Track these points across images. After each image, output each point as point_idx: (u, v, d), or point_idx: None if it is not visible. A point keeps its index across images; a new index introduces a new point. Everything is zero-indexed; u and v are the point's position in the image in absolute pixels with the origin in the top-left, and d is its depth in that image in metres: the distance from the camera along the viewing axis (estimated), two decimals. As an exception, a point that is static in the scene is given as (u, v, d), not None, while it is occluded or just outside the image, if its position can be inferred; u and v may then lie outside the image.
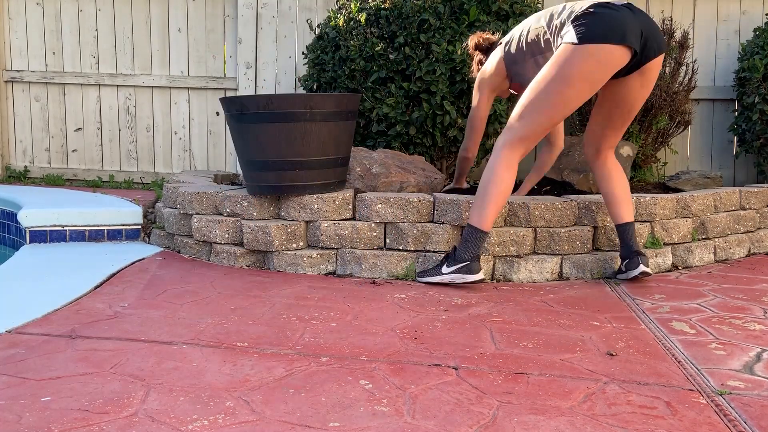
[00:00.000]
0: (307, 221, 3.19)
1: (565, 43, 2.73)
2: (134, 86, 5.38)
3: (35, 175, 5.48)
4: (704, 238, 3.56)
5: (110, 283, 2.89)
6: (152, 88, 5.38)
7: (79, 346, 2.11)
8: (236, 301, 2.65)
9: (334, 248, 3.16)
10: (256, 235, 3.14)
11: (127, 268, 3.13)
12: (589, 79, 2.69)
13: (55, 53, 5.43)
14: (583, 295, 2.89)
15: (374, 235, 3.14)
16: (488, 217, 2.86)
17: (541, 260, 3.14)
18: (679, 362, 2.09)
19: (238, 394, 1.77)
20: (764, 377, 1.97)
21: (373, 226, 3.14)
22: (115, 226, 3.73)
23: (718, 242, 3.58)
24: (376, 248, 3.15)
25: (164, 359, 2.00)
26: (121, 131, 5.43)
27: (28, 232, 3.60)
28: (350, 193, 3.20)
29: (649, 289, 2.99)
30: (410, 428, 1.59)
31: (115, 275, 3.00)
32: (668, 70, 4.39)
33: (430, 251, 3.12)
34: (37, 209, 3.63)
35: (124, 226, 3.74)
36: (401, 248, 3.13)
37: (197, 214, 3.37)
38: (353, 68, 3.97)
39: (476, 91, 3.28)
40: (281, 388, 1.81)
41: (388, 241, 3.15)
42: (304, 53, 4.47)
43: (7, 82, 5.47)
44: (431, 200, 3.15)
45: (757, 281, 3.17)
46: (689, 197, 3.49)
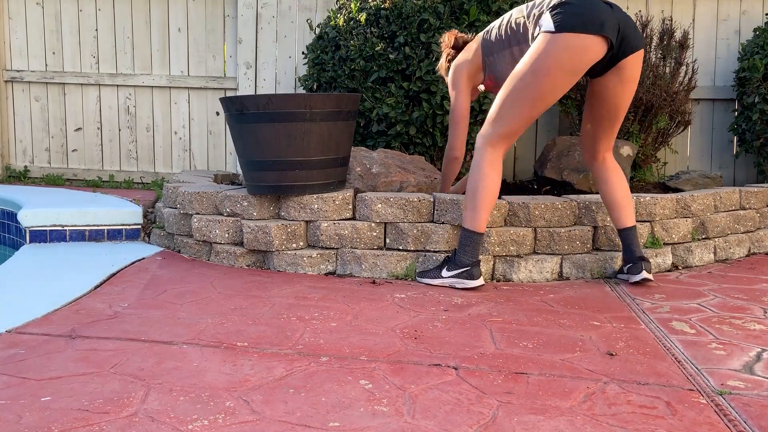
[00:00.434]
0: (307, 221, 3.19)
1: (542, 32, 2.71)
2: (134, 86, 5.38)
3: (35, 175, 5.48)
4: (704, 238, 3.56)
5: (110, 283, 2.89)
6: (152, 88, 5.38)
7: (79, 346, 2.11)
8: (236, 301, 2.65)
9: (334, 248, 3.16)
10: (256, 235, 3.14)
11: (127, 268, 3.13)
12: (566, 69, 2.67)
13: (55, 53, 5.43)
14: (583, 295, 2.89)
15: (374, 235, 3.14)
16: (481, 218, 2.86)
17: (541, 260, 3.14)
18: (679, 362, 2.09)
19: (238, 394, 1.77)
20: (764, 377, 1.98)
21: (373, 225, 3.14)
22: (115, 226, 3.73)
23: (718, 242, 3.58)
24: (376, 248, 3.15)
25: (164, 359, 2.00)
26: (121, 131, 5.43)
27: (28, 232, 3.60)
28: (350, 193, 3.20)
29: (649, 289, 2.99)
30: (410, 428, 1.59)
31: (115, 275, 3.00)
32: (668, 70, 4.39)
33: (430, 251, 3.12)
34: (37, 209, 3.63)
35: (124, 226, 3.74)
36: (401, 248, 3.13)
37: (197, 214, 3.37)
38: (353, 68, 3.98)
39: (452, 86, 3.19)
40: (281, 388, 1.81)
41: (388, 241, 3.15)
42: (304, 53, 4.47)
43: (7, 82, 5.47)
44: (431, 200, 3.15)
45: (757, 281, 3.17)
46: (689, 197, 3.49)
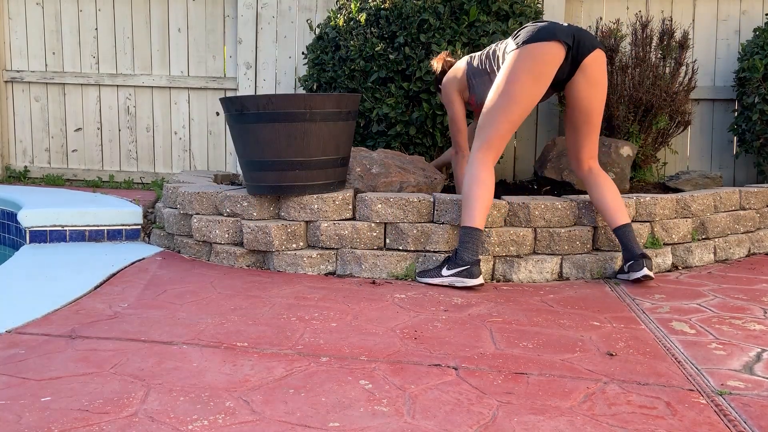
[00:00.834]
0: (307, 221, 3.19)
1: (508, 52, 3.06)
2: (134, 86, 5.38)
3: (35, 175, 5.48)
4: (704, 238, 3.56)
5: (110, 283, 2.89)
6: (152, 88, 5.37)
7: (79, 346, 2.11)
8: (236, 301, 2.65)
9: (334, 248, 3.16)
10: (256, 235, 3.14)
11: (127, 268, 3.13)
12: (532, 72, 2.94)
13: (55, 53, 5.43)
14: (583, 295, 2.89)
15: (374, 235, 3.14)
16: (477, 214, 2.94)
17: (541, 260, 3.14)
18: (679, 362, 2.09)
19: (238, 394, 1.77)
20: (764, 377, 1.98)
21: (373, 226, 3.14)
22: (115, 226, 3.73)
23: (718, 242, 3.58)
24: (376, 248, 3.15)
25: (164, 359, 2.00)
26: (121, 131, 5.43)
27: (28, 232, 3.60)
28: (350, 193, 3.20)
29: (649, 289, 2.99)
30: (410, 428, 1.59)
31: (115, 275, 3.00)
32: (668, 70, 4.39)
33: (430, 251, 3.12)
34: (37, 209, 3.63)
35: (124, 226, 3.74)
36: (401, 248, 3.13)
37: (197, 214, 3.37)
38: (353, 68, 3.97)
39: (446, 101, 3.46)
40: (281, 388, 1.81)
41: (388, 241, 3.15)
42: (304, 53, 4.47)
43: (7, 82, 5.47)
44: (431, 200, 3.15)
45: (757, 281, 3.17)
46: (689, 197, 3.49)
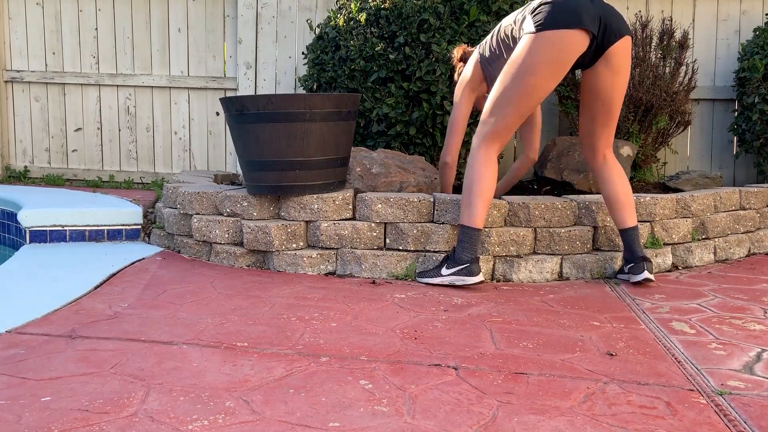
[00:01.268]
0: (307, 221, 3.19)
1: (524, 34, 2.80)
2: (134, 86, 5.38)
3: (35, 175, 5.48)
4: (704, 238, 3.56)
5: (110, 283, 2.89)
6: (152, 88, 5.38)
7: (79, 346, 2.11)
8: (236, 301, 2.65)
9: (334, 248, 3.16)
10: (256, 235, 3.14)
11: (127, 268, 3.13)
12: (551, 64, 2.73)
13: (55, 53, 5.43)
14: (583, 295, 2.89)
15: (374, 235, 3.14)
16: (478, 213, 2.89)
17: (541, 260, 3.14)
18: (679, 362, 2.09)
19: (238, 394, 1.77)
20: (764, 377, 1.98)
21: (373, 226, 3.14)
22: (115, 226, 3.73)
23: (718, 242, 3.58)
24: (376, 248, 3.15)
25: (164, 359, 2.00)
26: (121, 131, 5.43)
27: (28, 232, 3.60)
28: (350, 193, 3.20)
29: (649, 289, 2.99)
30: (410, 428, 1.59)
31: (115, 275, 3.00)
32: (668, 70, 4.39)
33: (430, 251, 3.12)
34: (37, 209, 3.63)
35: (124, 226, 3.75)
36: (401, 248, 3.13)
37: (197, 214, 3.37)
38: (353, 68, 3.97)
39: (456, 92, 3.32)
40: (281, 388, 1.81)
41: (388, 241, 3.15)
42: (304, 53, 4.47)
43: (7, 82, 5.47)
44: (431, 200, 3.15)
45: (757, 281, 3.17)
46: (689, 197, 3.49)
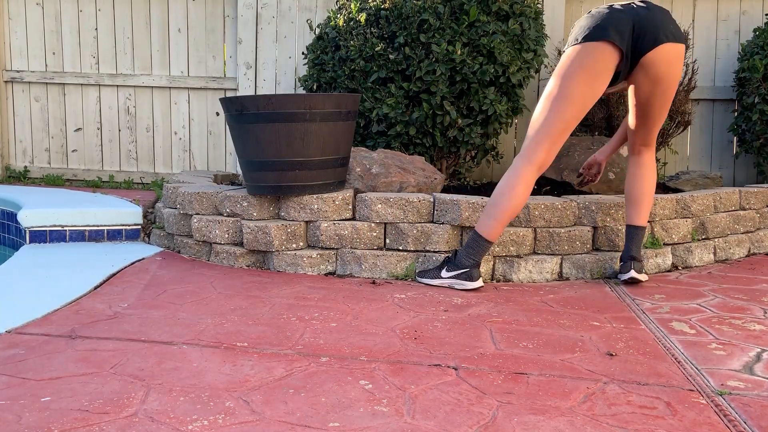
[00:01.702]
0: (307, 221, 3.19)
1: (565, 50, 2.92)
2: (134, 86, 5.38)
3: (35, 175, 5.48)
4: (704, 238, 3.56)
5: (110, 283, 2.89)
6: (152, 88, 5.37)
7: (79, 346, 2.11)
8: (236, 301, 2.65)
9: (334, 248, 3.16)
10: (256, 235, 3.14)
11: (127, 268, 3.13)
12: (584, 71, 2.77)
13: (55, 53, 5.43)
14: (583, 295, 2.89)
15: (374, 235, 3.14)
16: (497, 228, 2.87)
17: (541, 260, 3.14)
18: (679, 362, 2.09)
19: (238, 394, 1.77)
20: (764, 377, 1.98)
21: (373, 226, 3.14)
22: (114, 226, 3.73)
23: (717, 242, 3.58)
24: (376, 248, 3.15)
25: (164, 359, 2.00)
26: (120, 131, 5.43)
27: (28, 232, 3.60)
28: (350, 193, 3.20)
29: (649, 289, 2.99)
30: (410, 428, 1.59)
31: (115, 275, 3.00)
32: (668, 70, 4.39)
33: (430, 251, 3.12)
34: (37, 209, 3.63)
35: (124, 226, 3.74)
36: (401, 248, 3.13)
37: (197, 214, 3.37)
38: (353, 68, 3.97)
39: None
40: (281, 388, 1.81)
41: (388, 241, 3.15)
42: (304, 53, 4.47)
43: (7, 82, 5.47)
44: (431, 200, 3.15)
45: (757, 281, 3.17)
46: (689, 197, 3.49)
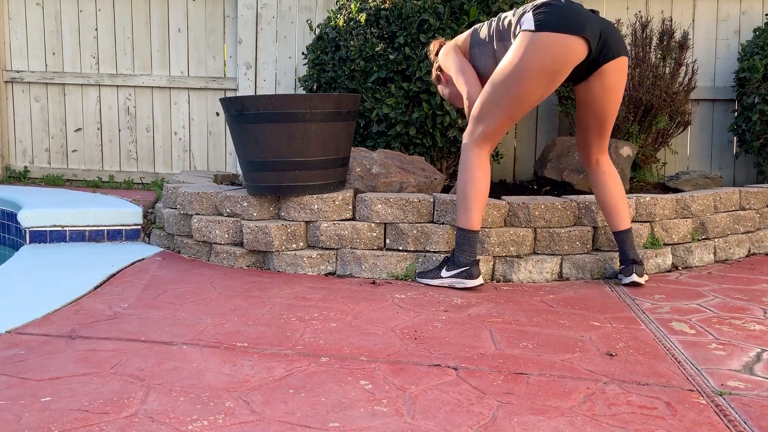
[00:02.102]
0: (307, 221, 3.19)
1: (522, 30, 2.71)
2: (134, 86, 5.38)
3: (35, 175, 5.48)
4: (704, 238, 3.56)
5: (110, 283, 2.89)
6: (152, 88, 5.38)
7: (79, 346, 2.11)
8: (236, 301, 2.65)
9: (334, 248, 3.16)
10: (256, 235, 3.14)
11: (127, 268, 3.13)
12: (546, 70, 2.67)
13: (55, 53, 5.43)
14: (583, 295, 2.89)
15: (374, 235, 3.14)
16: (474, 216, 2.88)
17: (541, 260, 3.14)
18: (679, 362, 2.09)
19: (238, 394, 1.77)
20: (764, 377, 1.97)
21: (373, 226, 3.14)
22: (114, 226, 3.73)
23: (718, 242, 3.58)
24: (376, 248, 3.15)
25: (164, 359, 2.00)
26: (120, 131, 5.43)
27: (28, 232, 3.60)
28: (350, 193, 3.20)
29: (649, 289, 2.99)
30: (410, 428, 1.59)
31: (115, 275, 3.00)
32: (668, 70, 4.39)
33: (430, 251, 3.12)
34: (37, 209, 3.63)
35: (124, 226, 3.74)
36: (401, 248, 3.13)
37: (197, 214, 3.37)
38: (353, 68, 3.97)
39: (447, 62, 3.07)
40: (281, 388, 1.81)
41: (388, 241, 3.15)
42: (304, 53, 4.47)
43: (7, 82, 5.47)
44: (431, 200, 3.15)
45: (757, 281, 3.17)
46: (689, 197, 3.49)
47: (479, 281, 2.90)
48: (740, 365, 2.07)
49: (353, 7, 4.07)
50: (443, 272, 2.93)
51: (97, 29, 5.38)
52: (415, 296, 2.78)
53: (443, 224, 3.12)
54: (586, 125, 2.97)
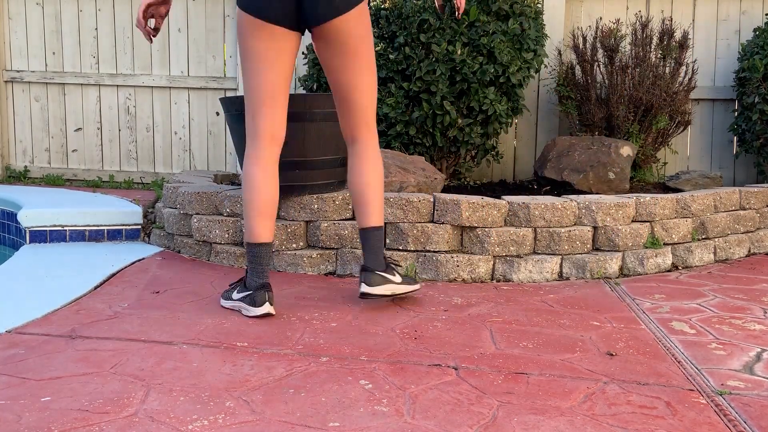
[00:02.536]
0: (307, 221, 3.19)
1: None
2: (134, 86, 5.38)
3: (35, 175, 5.48)
4: (704, 238, 3.56)
5: (110, 283, 2.89)
6: (152, 88, 5.38)
7: (79, 346, 2.11)
8: (236, 301, 2.64)
9: (334, 248, 3.16)
10: (256, 235, 3.14)
11: (127, 268, 3.13)
12: (251, 49, 2.41)
13: (55, 53, 5.43)
14: (583, 295, 2.89)
15: (374, 235, 3.14)
16: (254, 224, 2.45)
17: (541, 260, 3.14)
18: (679, 362, 2.09)
19: (238, 394, 1.77)
20: (764, 377, 1.98)
21: (373, 226, 3.14)
22: (115, 226, 3.73)
23: (718, 242, 3.58)
24: (376, 248, 3.15)
25: (164, 359, 2.00)
26: (121, 131, 5.43)
27: (28, 232, 3.60)
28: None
29: (649, 289, 2.99)
30: (410, 428, 1.59)
31: (115, 275, 3.00)
32: (668, 70, 4.39)
33: (430, 251, 3.12)
34: (37, 209, 3.63)
35: (124, 226, 3.74)
36: (401, 248, 3.13)
37: (197, 214, 3.37)
38: (353, 68, 3.97)
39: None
40: (281, 388, 1.81)
41: (388, 241, 3.15)
42: (304, 53, 4.47)
43: (7, 82, 5.47)
44: (431, 200, 3.15)
45: (757, 281, 3.17)
46: (689, 197, 3.49)
47: (264, 310, 2.40)
48: (740, 365, 2.07)
49: (353, 6, 4.07)
50: (234, 294, 2.52)
51: (97, 29, 5.38)
52: (415, 296, 2.78)
53: (443, 224, 3.12)
54: (332, 92, 2.61)
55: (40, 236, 3.61)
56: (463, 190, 3.98)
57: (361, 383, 1.86)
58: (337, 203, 3.16)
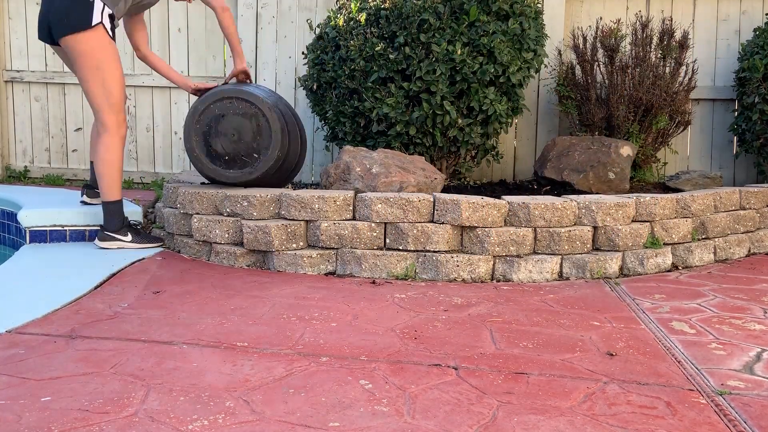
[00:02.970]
0: (307, 221, 3.19)
1: None
2: (134, 86, 5.38)
3: (35, 175, 5.48)
4: (704, 238, 3.56)
5: (110, 283, 2.89)
6: (152, 88, 5.37)
7: (79, 346, 2.11)
8: (236, 301, 2.65)
9: (334, 248, 3.16)
10: (256, 235, 3.14)
11: (127, 268, 3.13)
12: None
13: (54, 53, 5.42)
14: (583, 295, 2.89)
15: (374, 235, 3.14)
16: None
17: (541, 260, 3.14)
18: (679, 362, 2.09)
19: (238, 394, 1.77)
20: (764, 377, 1.98)
21: (373, 226, 3.14)
22: (115, 226, 3.71)
23: (718, 242, 3.58)
24: (376, 248, 3.15)
25: (164, 359, 2.00)
26: (121, 131, 5.42)
27: (28, 232, 3.60)
28: (350, 193, 3.20)
29: (649, 289, 2.99)
30: (410, 428, 1.59)
31: (115, 275, 3.00)
32: (668, 70, 4.39)
33: (430, 251, 3.12)
34: (37, 209, 3.63)
35: (124, 226, 3.73)
36: (401, 248, 3.13)
37: (197, 214, 3.37)
38: (353, 68, 3.97)
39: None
40: (281, 388, 1.81)
41: (388, 241, 3.15)
42: (304, 53, 4.47)
43: (7, 82, 5.47)
44: (431, 200, 3.15)
45: (757, 281, 3.17)
46: (689, 197, 3.49)
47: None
48: (740, 365, 2.07)
49: (353, 6, 4.07)
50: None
51: (97, 29, 5.38)
52: (415, 296, 2.78)
53: (443, 224, 3.12)
54: None
55: (40, 236, 3.61)
56: (463, 190, 3.98)
57: (361, 383, 1.86)
58: (337, 203, 3.16)
